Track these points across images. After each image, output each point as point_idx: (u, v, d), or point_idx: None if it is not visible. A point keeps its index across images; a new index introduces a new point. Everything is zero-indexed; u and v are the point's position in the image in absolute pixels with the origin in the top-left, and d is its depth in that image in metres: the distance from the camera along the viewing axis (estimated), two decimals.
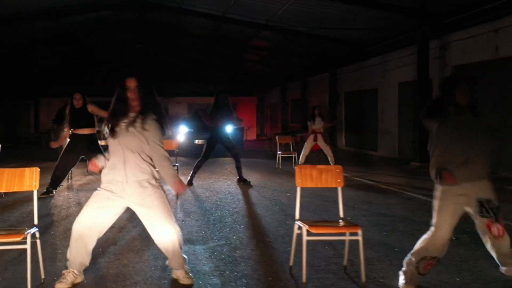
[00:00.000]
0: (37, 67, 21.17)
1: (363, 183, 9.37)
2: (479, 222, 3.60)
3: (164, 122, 3.68)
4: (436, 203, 3.64)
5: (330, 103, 18.11)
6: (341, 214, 4.02)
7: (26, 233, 3.37)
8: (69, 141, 7.55)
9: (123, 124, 3.55)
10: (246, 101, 24.64)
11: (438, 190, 3.65)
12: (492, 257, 3.72)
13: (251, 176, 9.97)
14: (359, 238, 3.70)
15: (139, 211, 3.61)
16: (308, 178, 4.05)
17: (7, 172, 3.69)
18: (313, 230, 3.63)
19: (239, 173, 9.10)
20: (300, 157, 11.64)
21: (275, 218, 6.08)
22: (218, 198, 7.63)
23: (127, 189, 3.51)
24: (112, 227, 5.22)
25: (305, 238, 3.64)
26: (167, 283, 3.75)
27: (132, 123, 3.55)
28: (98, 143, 7.63)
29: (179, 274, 3.73)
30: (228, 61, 21.66)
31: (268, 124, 28.06)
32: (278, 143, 12.09)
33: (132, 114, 3.57)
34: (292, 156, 11.66)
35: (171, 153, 8.42)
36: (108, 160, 3.60)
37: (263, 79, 25.11)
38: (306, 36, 14.42)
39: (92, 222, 3.49)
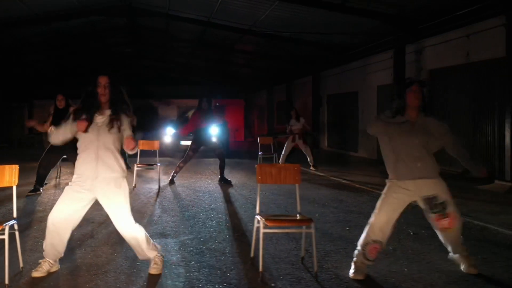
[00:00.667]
0: (31, 70, 21.34)
1: (338, 183, 9.66)
2: (427, 216, 3.90)
3: (133, 122, 3.92)
4: (381, 195, 3.93)
5: (314, 105, 18.37)
6: (298, 209, 4.29)
7: (4, 224, 3.60)
8: None
9: (99, 121, 3.78)
10: (234, 103, 24.82)
11: (387, 185, 3.93)
12: (443, 250, 4.04)
13: (233, 175, 10.24)
14: (312, 230, 3.95)
15: (105, 205, 3.82)
16: (268, 175, 4.31)
17: None
18: (269, 223, 3.89)
19: (221, 173, 9.34)
20: (281, 158, 11.88)
21: (248, 215, 6.33)
22: (197, 196, 7.88)
23: (97, 184, 3.74)
24: (92, 221, 5.51)
25: (262, 230, 3.90)
26: (135, 272, 3.99)
27: (110, 121, 3.77)
28: None
29: (151, 263, 3.95)
30: (216, 64, 21.88)
31: (255, 126, 28.31)
32: (259, 144, 12.33)
33: (107, 112, 3.79)
34: (272, 157, 11.90)
35: (153, 153, 8.70)
36: (79, 153, 3.81)
37: (250, 82, 25.37)
38: (289, 41, 14.65)
39: (65, 215, 3.72)
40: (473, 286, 3.74)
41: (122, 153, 3.87)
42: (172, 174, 9.17)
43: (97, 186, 3.74)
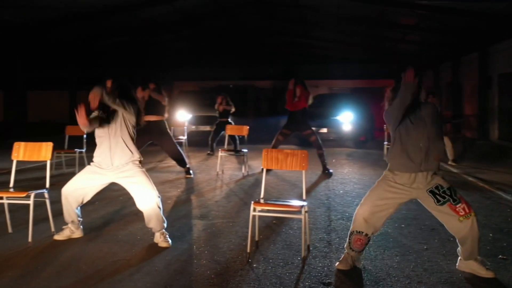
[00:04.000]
0: (170, 51, 24.48)
1: (462, 182, 9.48)
2: (439, 213, 4.32)
3: (139, 114, 5.10)
4: (376, 182, 4.47)
5: (480, 88, 17.72)
6: (304, 196, 5.00)
7: (29, 192, 5.05)
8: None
9: (107, 114, 5.05)
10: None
11: (385, 173, 4.45)
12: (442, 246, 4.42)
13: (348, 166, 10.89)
14: (302, 216, 4.65)
15: (122, 182, 5.10)
16: (274, 161, 5.10)
17: (28, 145, 5.45)
18: (256, 206, 4.71)
19: (322, 162, 10.05)
20: None
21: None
22: (277, 185, 8.83)
23: (113, 171, 5.03)
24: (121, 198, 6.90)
25: (251, 213, 4.73)
26: (144, 242, 5.17)
27: (115, 113, 5.01)
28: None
29: (158, 237, 5.12)
30: (366, 39, 22.28)
31: None
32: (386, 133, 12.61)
33: (113, 106, 5.02)
34: None
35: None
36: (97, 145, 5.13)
37: (413, 60, 25.04)
38: (443, 11, 14.54)
39: (76, 186, 5.06)
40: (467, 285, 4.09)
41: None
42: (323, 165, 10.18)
43: (112, 172, 5.02)
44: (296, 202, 4.95)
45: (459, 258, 4.46)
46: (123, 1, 14.95)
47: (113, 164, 5.01)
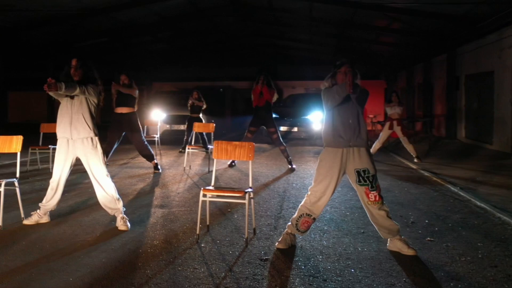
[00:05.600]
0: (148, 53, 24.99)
1: (418, 176, 10.07)
2: (358, 190, 4.91)
3: (99, 91, 5.62)
4: (316, 167, 5.02)
5: (448, 88, 18.41)
6: (250, 184, 5.54)
7: (0, 180, 5.54)
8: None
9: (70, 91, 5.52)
10: (373, 84, 25.40)
11: (320, 157, 5.00)
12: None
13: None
14: (246, 201, 5.19)
15: (84, 162, 5.65)
16: (224, 152, 5.63)
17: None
18: (206, 192, 5.24)
19: (286, 158, 10.63)
20: (374, 144, 12.55)
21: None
22: (237, 177, 9.37)
23: (73, 144, 5.55)
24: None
25: (201, 198, 5.26)
26: (104, 226, 5.69)
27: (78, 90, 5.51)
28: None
29: (118, 221, 5.64)
30: (341, 41, 22.89)
31: None
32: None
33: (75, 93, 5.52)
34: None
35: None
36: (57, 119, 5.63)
37: (388, 61, 25.76)
38: (410, 13, 15.14)
39: (61, 174, 5.62)
40: (389, 261, 4.65)
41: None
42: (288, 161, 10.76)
43: (73, 145, 5.55)
44: (242, 189, 5.48)
45: (388, 239, 5.05)
46: (100, 4, 15.41)
47: (72, 137, 5.53)
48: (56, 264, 4.46)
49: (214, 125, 10.77)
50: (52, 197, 5.72)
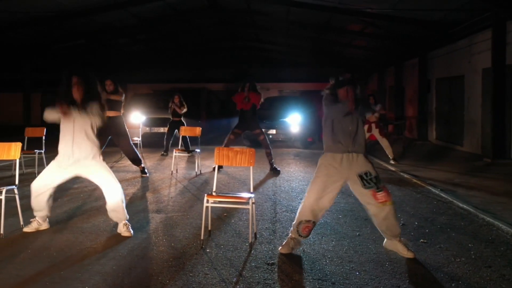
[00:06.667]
0: (123, 55, 24.78)
1: (399, 179, 10.32)
2: (361, 195, 5.03)
3: (103, 108, 5.58)
4: (314, 174, 5.11)
5: (420, 91, 18.82)
6: (251, 189, 5.63)
7: (1, 188, 5.49)
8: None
9: (73, 107, 5.49)
10: None
11: (319, 162, 5.11)
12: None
13: (294, 165, 11.57)
14: (249, 207, 5.28)
15: (91, 178, 5.60)
16: (225, 158, 5.71)
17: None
18: (209, 198, 5.30)
19: (270, 161, 10.73)
20: None
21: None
22: (228, 182, 9.44)
23: (74, 162, 5.48)
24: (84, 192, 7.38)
25: (205, 204, 5.32)
26: (108, 232, 5.69)
27: (80, 107, 5.47)
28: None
29: (121, 227, 5.64)
30: (316, 44, 23.17)
31: None
32: None
33: (79, 100, 5.48)
34: None
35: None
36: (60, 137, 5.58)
37: (360, 64, 26.16)
38: (386, 18, 15.46)
39: (45, 182, 5.52)
40: (390, 263, 4.79)
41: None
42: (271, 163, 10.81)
43: (74, 163, 5.47)
44: (244, 194, 5.57)
45: (385, 238, 5.20)
46: (78, 6, 15.27)
47: (73, 156, 5.44)
48: (68, 273, 4.47)
49: (201, 128, 10.79)
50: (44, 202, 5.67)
